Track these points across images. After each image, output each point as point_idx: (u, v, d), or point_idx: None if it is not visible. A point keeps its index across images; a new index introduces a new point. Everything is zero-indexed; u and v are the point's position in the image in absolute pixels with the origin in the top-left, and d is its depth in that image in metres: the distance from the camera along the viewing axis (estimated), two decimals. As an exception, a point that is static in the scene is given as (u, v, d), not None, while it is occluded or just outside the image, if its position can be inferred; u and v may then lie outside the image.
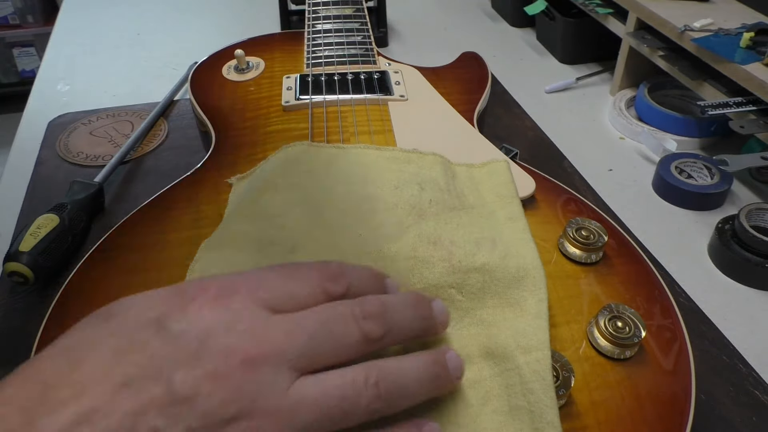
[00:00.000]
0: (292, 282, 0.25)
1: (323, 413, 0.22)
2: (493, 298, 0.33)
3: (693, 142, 0.64)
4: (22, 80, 2.25)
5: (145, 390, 0.21)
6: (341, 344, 0.24)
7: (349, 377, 0.23)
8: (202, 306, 0.23)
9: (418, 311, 0.27)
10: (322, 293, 0.25)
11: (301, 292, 0.25)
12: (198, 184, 0.43)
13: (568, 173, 0.59)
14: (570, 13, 0.78)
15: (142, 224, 0.40)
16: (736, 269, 0.49)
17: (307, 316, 0.24)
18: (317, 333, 0.24)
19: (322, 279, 0.26)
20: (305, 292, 0.25)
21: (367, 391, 0.23)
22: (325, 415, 0.22)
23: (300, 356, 0.23)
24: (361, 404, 0.23)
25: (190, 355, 0.22)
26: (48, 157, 0.59)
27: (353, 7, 0.64)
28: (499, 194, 0.40)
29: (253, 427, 0.21)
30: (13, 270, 0.43)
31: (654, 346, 0.33)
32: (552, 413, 0.28)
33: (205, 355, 0.22)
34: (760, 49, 0.56)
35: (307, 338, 0.23)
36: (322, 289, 0.25)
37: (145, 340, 0.22)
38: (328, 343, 0.24)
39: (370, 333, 0.24)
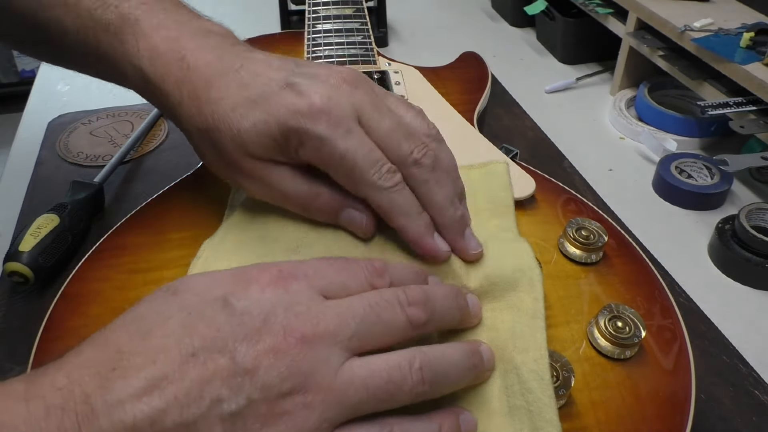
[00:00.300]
0: (344, 273, 0.27)
1: (370, 393, 0.24)
2: (491, 301, 0.33)
3: (693, 142, 0.64)
4: (22, 80, 2.25)
5: (212, 361, 0.22)
6: (388, 328, 0.26)
7: (395, 361, 0.25)
8: (264, 287, 0.25)
9: (457, 302, 0.29)
10: (369, 286, 0.27)
11: (351, 283, 0.27)
12: (198, 184, 0.43)
13: (568, 173, 0.59)
14: (570, 13, 0.78)
15: (142, 224, 0.40)
16: (736, 269, 0.49)
17: (357, 301, 0.26)
18: (366, 317, 0.25)
19: (369, 274, 0.28)
20: (355, 283, 0.27)
21: (411, 375, 0.25)
22: (372, 395, 0.24)
23: (351, 338, 0.24)
24: (405, 387, 0.24)
25: (253, 331, 0.23)
26: (48, 157, 0.59)
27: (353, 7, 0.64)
28: (493, 200, 0.40)
29: (307, 401, 0.23)
30: (13, 270, 0.43)
31: (654, 346, 0.33)
32: (551, 412, 0.28)
33: (266, 332, 0.23)
34: (760, 49, 0.56)
35: (357, 321, 0.25)
36: (369, 282, 0.27)
37: (211, 315, 0.24)
38: (377, 326, 0.25)
39: (414, 318, 0.26)
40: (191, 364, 0.22)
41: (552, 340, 0.32)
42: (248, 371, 0.22)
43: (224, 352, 0.23)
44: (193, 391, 0.22)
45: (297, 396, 0.23)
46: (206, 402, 0.22)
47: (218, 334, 0.23)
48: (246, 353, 0.23)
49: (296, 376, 0.23)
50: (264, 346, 0.23)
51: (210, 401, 0.22)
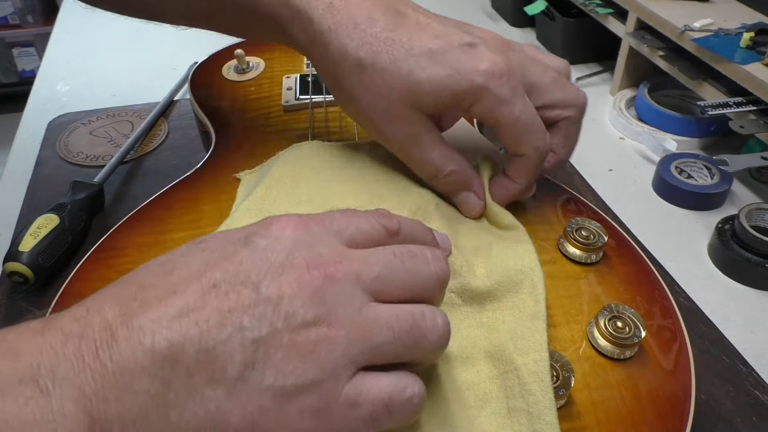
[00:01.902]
0: (357, 218, 0.27)
1: (395, 336, 0.23)
2: (492, 302, 0.33)
3: (693, 142, 0.64)
4: (22, 80, 2.25)
5: (234, 291, 0.22)
6: (412, 276, 0.25)
7: (420, 309, 0.24)
8: (285, 227, 0.25)
9: None
10: (381, 227, 0.27)
11: (364, 225, 0.27)
12: (198, 184, 0.43)
13: (568, 173, 0.59)
14: (570, 13, 0.78)
15: (142, 224, 0.40)
16: (736, 269, 0.49)
17: (380, 249, 0.26)
18: (390, 262, 0.25)
19: (378, 216, 0.28)
20: (367, 225, 0.27)
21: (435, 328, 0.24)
22: (397, 338, 0.23)
23: (374, 280, 0.24)
24: (430, 338, 0.24)
25: (276, 264, 0.23)
26: (48, 157, 0.59)
27: (353, 7, 0.64)
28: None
29: (331, 335, 0.22)
30: (13, 270, 0.43)
31: (654, 346, 0.33)
32: (551, 414, 0.28)
33: (288, 266, 0.23)
34: (760, 49, 0.56)
35: (381, 265, 0.25)
36: (381, 224, 0.27)
37: (233, 251, 0.24)
38: (400, 273, 0.25)
39: (440, 274, 0.26)
40: (213, 294, 0.22)
41: (552, 340, 0.32)
42: (271, 300, 0.22)
43: (246, 283, 0.23)
44: (213, 318, 0.22)
45: (322, 326, 0.22)
46: (228, 329, 0.22)
47: (240, 267, 0.23)
48: (269, 284, 0.23)
49: (320, 306, 0.23)
50: (287, 278, 0.23)
51: (232, 328, 0.22)
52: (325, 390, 0.22)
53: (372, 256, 0.25)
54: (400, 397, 0.23)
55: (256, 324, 0.22)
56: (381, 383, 0.23)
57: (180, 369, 0.21)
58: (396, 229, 0.27)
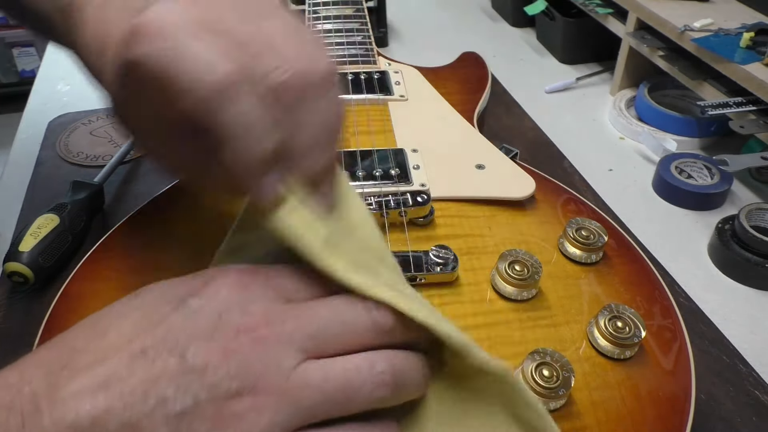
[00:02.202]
0: (306, 276, 0.26)
1: (326, 396, 0.23)
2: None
3: (693, 142, 0.64)
4: (22, 80, 2.25)
5: (160, 359, 0.22)
6: (350, 331, 0.24)
7: (354, 363, 0.24)
8: (221, 287, 0.24)
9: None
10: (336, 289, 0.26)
11: (314, 285, 0.26)
12: (198, 184, 0.43)
13: (568, 173, 0.59)
14: (570, 13, 0.78)
15: (142, 224, 0.40)
16: (736, 269, 0.49)
17: (318, 303, 0.25)
18: (327, 318, 0.24)
19: None
20: (318, 286, 0.26)
21: (372, 378, 0.23)
22: (328, 398, 0.23)
23: (308, 338, 0.23)
24: (364, 391, 0.23)
25: (205, 330, 0.23)
26: (48, 157, 0.59)
27: (353, 7, 0.64)
28: None
29: (256, 403, 0.22)
30: (13, 270, 0.43)
31: (654, 346, 0.33)
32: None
33: (218, 331, 0.23)
34: (760, 49, 0.56)
35: (316, 322, 0.24)
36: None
37: (165, 314, 0.23)
38: (337, 327, 0.24)
39: (380, 322, 0.25)
40: (140, 362, 0.22)
41: (552, 340, 0.32)
42: (196, 370, 0.22)
43: (174, 351, 0.22)
44: (138, 390, 0.21)
45: (246, 397, 0.22)
46: (152, 401, 0.21)
47: (169, 332, 0.23)
48: (196, 352, 0.22)
49: (246, 377, 0.22)
50: (215, 345, 0.22)
51: (156, 401, 0.21)
52: None
53: (307, 312, 0.24)
54: None
55: (180, 396, 0.21)
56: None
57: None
58: None
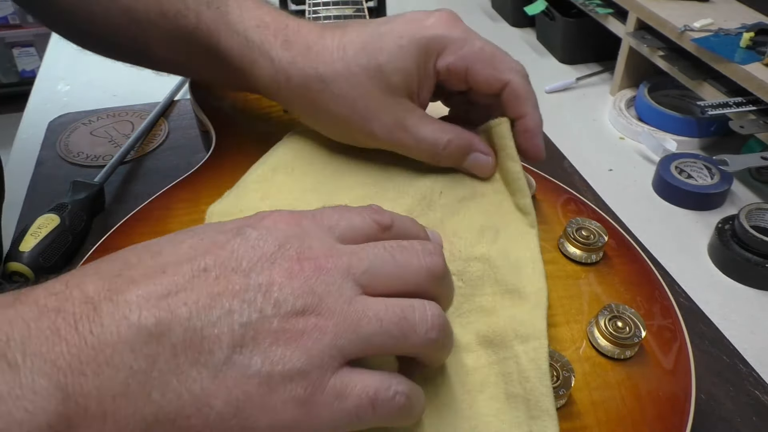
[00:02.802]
0: (348, 214, 0.27)
1: (384, 328, 0.23)
2: (492, 285, 0.33)
3: (693, 142, 0.64)
4: (22, 80, 2.25)
5: (224, 277, 0.22)
6: (403, 270, 0.25)
7: (410, 302, 0.24)
8: (278, 221, 0.25)
9: None
10: (373, 223, 0.27)
11: (356, 221, 0.27)
12: (198, 184, 0.43)
13: (568, 173, 0.59)
14: (570, 13, 0.78)
15: (142, 224, 0.40)
16: (736, 269, 0.49)
17: (370, 243, 0.26)
18: (381, 255, 0.25)
19: (370, 212, 0.27)
20: (359, 221, 0.27)
21: (426, 318, 0.24)
22: (385, 330, 0.23)
23: (365, 272, 0.24)
24: (419, 330, 0.24)
25: (268, 254, 0.23)
26: (48, 157, 0.59)
27: (353, 7, 0.64)
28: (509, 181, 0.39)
29: (319, 324, 0.22)
30: (14, 270, 0.43)
31: (654, 346, 0.33)
32: (547, 401, 0.28)
33: (280, 257, 0.23)
34: (760, 49, 0.56)
35: (371, 258, 0.25)
36: (373, 219, 0.27)
37: (225, 240, 0.24)
38: (391, 267, 0.25)
39: (432, 267, 0.26)
40: (203, 277, 0.22)
41: (552, 340, 0.32)
42: (261, 287, 0.22)
43: (237, 270, 0.22)
44: (203, 300, 0.21)
45: (310, 317, 0.22)
46: (217, 311, 0.21)
47: (232, 254, 0.23)
48: (260, 272, 0.23)
49: (310, 296, 0.22)
50: (278, 268, 0.23)
51: (221, 311, 0.21)
52: (311, 380, 0.22)
53: (362, 251, 0.25)
54: (385, 395, 0.23)
55: (245, 309, 0.22)
56: (367, 380, 0.23)
57: (166, 347, 0.21)
58: (388, 224, 0.27)
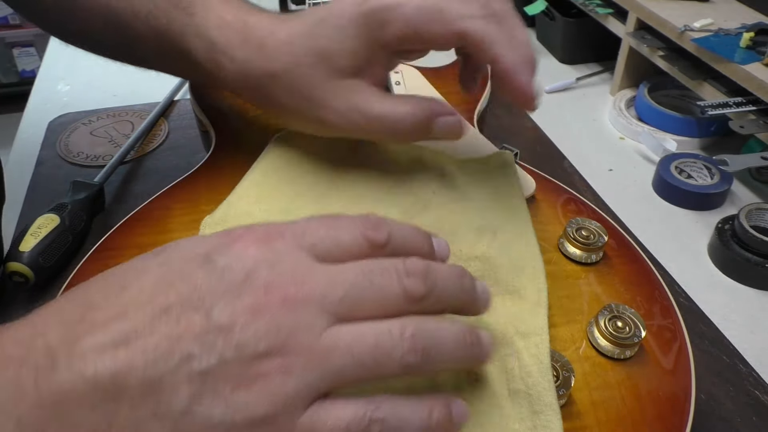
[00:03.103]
0: (335, 230, 0.25)
1: (356, 359, 0.22)
2: (492, 285, 0.33)
3: (693, 142, 0.64)
4: (22, 80, 2.25)
5: (185, 317, 0.21)
6: (381, 296, 0.23)
7: (384, 327, 0.23)
8: (248, 245, 0.23)
9: (463, 283, 0.26)
10: (364, 241, 0.25)
11: (344, 238, 0.25)
12: (198, 184, 0.43)
13: (568, 173, 0.59)
14: (570, 13, 0.78)
15: (142, 224, 0.40)
16: (736, 269, 0.49)
17: (350, 265, 0.24)
18: (358, 282, 0.23)
19: (363, 227, 0.25)
20: (348, 238, 0.25)
21: (402, 342, 0.22)
22: (358, 361, 0.22)
23: (339, 302, 0.23)
24: (395, 356, 0.22)
25: (232, 288, 0.22)
26: (48, 157, 0.59)
27: (353, 7, 0.64)
28: (503, 184, 0.40)
29: (285, 364, 0.21)
30: (14, 270, 0.43)
31: (654, 346, 0.33)
32: (550, 395, 0.28)
33: (246, 290, 0.22)
34: (760, 49, 0.56)
35: (348, 285, 0.23)
36: (364, 236, 0.25)
37: (190, 271, 0.22)
38: (369, 293, 0.23)
39: (411, 290, 0.24)
40: (163, 319, 0.21)
41: (552, 340, 0.32)
42: (223, 328, 0.21)
43: (199, 308, 0.21)
44: (161, 347, 0.20)
45: (274, 358, 0.21)
46: (175, 358, 0.20)
47: (195, 290, 0.22)
48: (222, 310, 0.21)
49: (274, 336, 0.21)
50: (242, 303, 0.21)
51: (179, 358, 0.20)
52: (278, 425, 0.21)
53: (340, 275, 0.23)
54: (359, 426, 0.21)
55: (204, 354, 0.21)
56: (340, 412, 0.22)
57: (123, 401, 0.20)
58: (382, 241, 0.25)
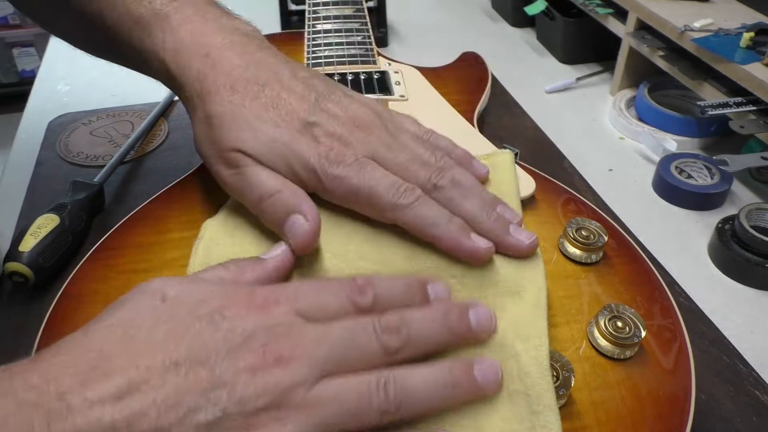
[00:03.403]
0: (324, 295, 0.29)
1: (341, 410, 0.25)
2: (492, 287, 0.33)
3: (693, 142, 0.64)
4: (22, 80, 2.25)
5: (193, 372, 0.24)
6: (363, 353, 0.27)
7: (364, 380, 0.26)
8: (249, 310, 0.27)
9: (449, 322, 0.29)
10: (350, 304, 0.28)
11: (332, 303, 0.28)
12: (198, 183, 0.43)
13: (568, 173, 0.59)
14: (570, 13, 0.78)
15: (142, 224, 0.40)
16: (736, 269, 0.49)
17: (334, 326, 0.27)
18: (342, 342, 0.27)
19: (350, 291, 0.29)
20: (335, 303, 0.28)
21: (378, 393, 0.26)
22: (343, 411, 0.25)
23: (326, 360, 0.26)
24: (373, 405, 0.25)
25: (235, 348, 0.25)
26: (48, 157, 0.59)
27: (353, 7, 0.64)
28: (500, 190, 0.40)
29: (280, 416, 0.24)
30: (13, 270, 0.43)
31: (654, 346, 0.33)
32: (549, 396, 0.28)
33: (246, 350, 0.25)
34: (760, 49, 0.56)
35: (332, 345, 0.26)
36: (351, 301, 0.29)
37: (198, 329, 0.25)
38: (351, 351, 0.27)
39: (388, 345, 0.27)
40: (173, 372, 0.23)
41: (552, 340, 0.32)
42: (226, 385, 0.24)
43: (206, 365, 0.24)
44: (171, 398, 0.23)
45: (272, 411, 0.24)
46: (183, 410, 0.23)
47: (202, 347, 0.24)
48: (226, 368, 0.24)
49: (271, 393, 0.24)
50: (244, 363, 0.24)
51: (187, 409, 0.23)
52: None
53: (326, 337, 0.26)
54: None
55: (210, 407, 0.23)
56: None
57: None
58: (367, 305, 0.29)
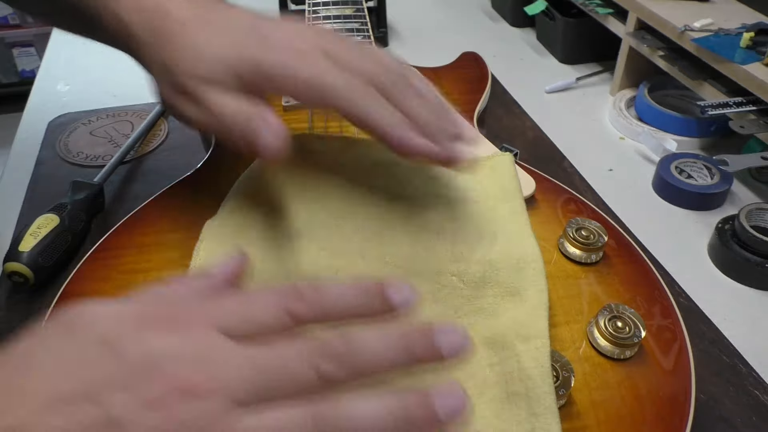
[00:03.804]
0: (255, 306, 0.24)
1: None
2: (493, 287, 0.33)
3: (693, 142, 0.64)
4: (22, 80, 2.25)
5: (81, 409, 0.20)
6: (294, 383, 0.22)
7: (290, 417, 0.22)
8: (159, 331, 0.23)
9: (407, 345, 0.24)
10: (285, 314, 0.24)
11: (262, 316, 0.24)
12: (198, 184, 0.43)
13: (568, 173, 0.59)
14: (570, 13, 0.78)
15: (142, 224, 0.40)
16: (736, 269, 0.49)
17: (261, 351, 0.23)
18: (268, 369, 0.22)
19: (285, 300, 0.24)
20: (267, 315, 0.24)
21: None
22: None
23: (245, 391, 0.22)
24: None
25: (133, 378, 0.21)
26: (48, 157, 0.59)
27: (353, 7, 0.64)
28: (502, 188, 0.40)
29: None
30: (13, 270, 0.43)
31: (654, 346, 0.33)
32: (549, 399, 0.28)
33: (147, 381, 0.21)
34: (760, 49, 0.56)
35: (255, 373, 0.22)
36: (285, 310, 0.24)
37: (93, 358, 0.22)
38: (280, 380, 0.22)
39: (327, 374, 0.23)
40: (55, 411, 0.20)
41: (552, 340, 0.32)
42: (118, 423, 0.20)
43: (96, 400, 0.21)
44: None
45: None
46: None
47: (94, 380, 0.21)
48: (119, 403, 0.20)
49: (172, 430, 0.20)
50: (141, 396, 0.21)
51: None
52: None
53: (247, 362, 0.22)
54: None
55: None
56: None
57: None
58: (303, 314, 0.24)
